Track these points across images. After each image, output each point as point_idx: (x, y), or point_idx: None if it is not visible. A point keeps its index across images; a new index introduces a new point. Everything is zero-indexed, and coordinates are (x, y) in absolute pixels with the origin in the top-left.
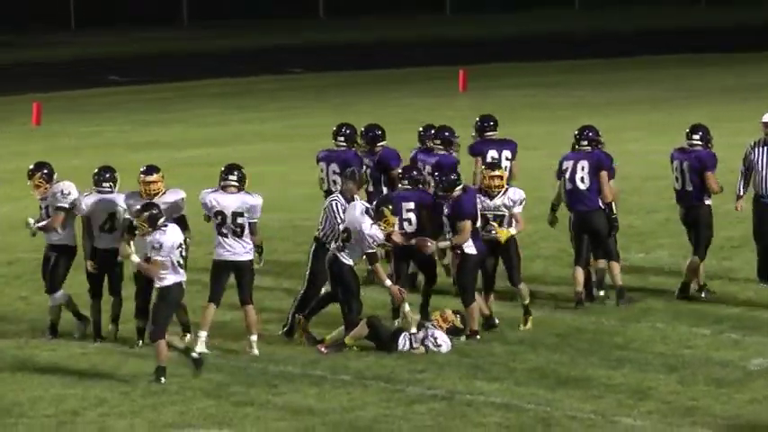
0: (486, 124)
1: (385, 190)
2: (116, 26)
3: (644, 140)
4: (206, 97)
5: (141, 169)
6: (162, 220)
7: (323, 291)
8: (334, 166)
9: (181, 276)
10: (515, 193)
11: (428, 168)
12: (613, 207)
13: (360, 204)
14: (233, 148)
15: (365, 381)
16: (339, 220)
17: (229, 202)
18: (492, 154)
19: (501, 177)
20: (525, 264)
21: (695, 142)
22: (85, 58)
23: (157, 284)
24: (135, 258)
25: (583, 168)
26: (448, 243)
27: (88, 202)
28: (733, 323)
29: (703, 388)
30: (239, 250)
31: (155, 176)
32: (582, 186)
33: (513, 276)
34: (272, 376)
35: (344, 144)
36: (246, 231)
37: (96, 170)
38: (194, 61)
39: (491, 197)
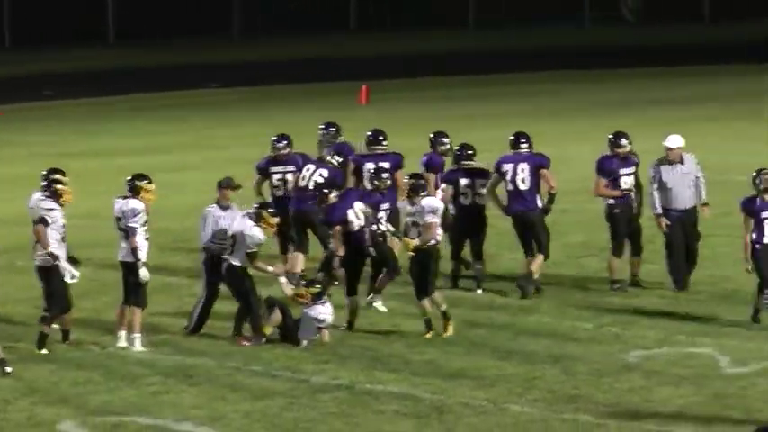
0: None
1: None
2: (49, 44)
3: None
4: (130, 111)
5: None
6: None
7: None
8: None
9: None
10: (429, 202)
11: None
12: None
13: (238, 211)
14: (153, 158)
15: (274, 371)
16: (207, 231)
17: (117, 207)
18: (369, 166)
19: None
20: None
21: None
22: (20, 76)
23: None
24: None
25: (523, 170)
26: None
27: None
28: (613, 318)
29: (586, 378)
30: (125, 252)
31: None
32: (523, 187)
33: (425, 288)
34: (189, 367)
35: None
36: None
37: None
38: (119, 77)
39: (412, 204)
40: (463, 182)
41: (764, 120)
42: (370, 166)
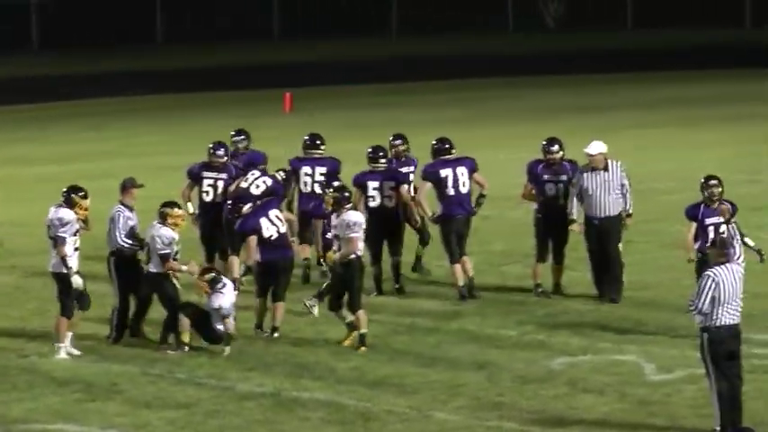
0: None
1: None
2: None
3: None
4: (54, 118)
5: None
6: None
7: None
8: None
9: None
10: (350, 216)
11: None
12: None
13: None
14: (79, 165)
15: (198, 379)
16: (119, 231)
17: (48, 215)
18: (306, 170)
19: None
20: None
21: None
22: None
23: None
24: None
25: (462, 174)
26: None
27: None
28: (538, 324)
29: (510, 385)
30: (55, 262)
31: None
32: (464, 190)
33: (352, 302)
34: (114, 375)
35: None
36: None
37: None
38: (43, 84)
39: (336, 216)
40: (372, 184)
41: (687, 127)
42: (306, 169)
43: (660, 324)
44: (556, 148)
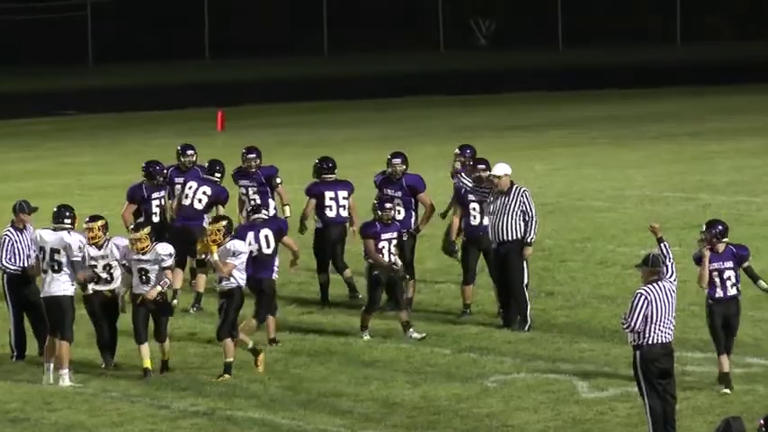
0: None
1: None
2: None
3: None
4: None
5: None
6: None
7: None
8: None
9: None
10: (230, 246)
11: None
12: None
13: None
14: (8, 185)
15: (132, 398)
16: (4, 253)
17: (51, 238)
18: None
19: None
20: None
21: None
22: None
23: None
24: None
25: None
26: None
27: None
28: (471, 343)
29: (444, 403)
30: (54, 286)
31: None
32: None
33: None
34: (48, 394)
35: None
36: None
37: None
38: None
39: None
40: (328, 194)
41: (623, 145)
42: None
43: (593, 342)
44: (481, 167)
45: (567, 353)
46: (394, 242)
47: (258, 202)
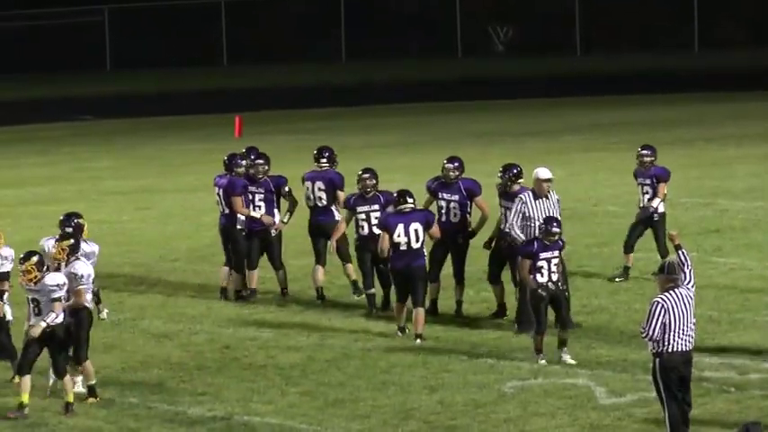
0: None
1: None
2: None
3: (401, 180)
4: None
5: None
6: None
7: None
8: (319, 184)
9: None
10: (75, 269)
11: None
12: None
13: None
14: (26, 190)
15: (150, 403)
16: None
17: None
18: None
19: None
20: None
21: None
22: None
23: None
24: None
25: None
26: None
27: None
28: (489, 348)
29: (461, 409)
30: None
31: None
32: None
33: (77, 354)
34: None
35: (327, 165)
36: None
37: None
38: None
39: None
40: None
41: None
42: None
43: (611, 347)
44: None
45: (585, 358)
46: (555, 261)
47: (263, 210)
